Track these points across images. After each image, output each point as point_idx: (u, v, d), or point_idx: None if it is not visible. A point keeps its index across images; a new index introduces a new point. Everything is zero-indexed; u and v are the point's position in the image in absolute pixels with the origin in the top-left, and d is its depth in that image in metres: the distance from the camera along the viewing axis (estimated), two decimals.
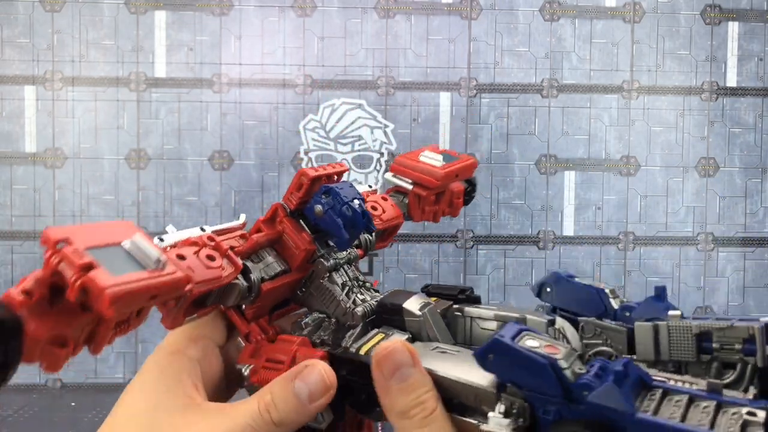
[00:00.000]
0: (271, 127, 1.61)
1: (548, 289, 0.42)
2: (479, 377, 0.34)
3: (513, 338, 0.33)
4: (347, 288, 0.40)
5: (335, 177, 0.40)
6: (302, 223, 0.40)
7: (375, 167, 1.61)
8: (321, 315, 0.40)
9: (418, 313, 0.39)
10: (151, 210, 1.59)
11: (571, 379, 0.31)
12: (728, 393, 0.31)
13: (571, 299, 0.41)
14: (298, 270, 0.40)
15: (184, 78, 1.59)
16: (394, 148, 1.61)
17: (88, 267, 0.27)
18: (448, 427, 0.33)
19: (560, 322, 0.39)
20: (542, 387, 0.31)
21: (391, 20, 1.61)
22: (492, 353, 0.32)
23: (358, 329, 0.38)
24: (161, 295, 0.30)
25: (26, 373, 1.58)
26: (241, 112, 1.60)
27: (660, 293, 0.40)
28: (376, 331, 0.38)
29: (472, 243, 1.62)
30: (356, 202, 0.39)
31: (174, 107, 1.59)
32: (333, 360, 0.36)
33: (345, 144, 1.61)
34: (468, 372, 0.34)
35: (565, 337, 0.40)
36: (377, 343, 0.37)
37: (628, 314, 0.39)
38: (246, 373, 0.37)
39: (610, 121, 1.63)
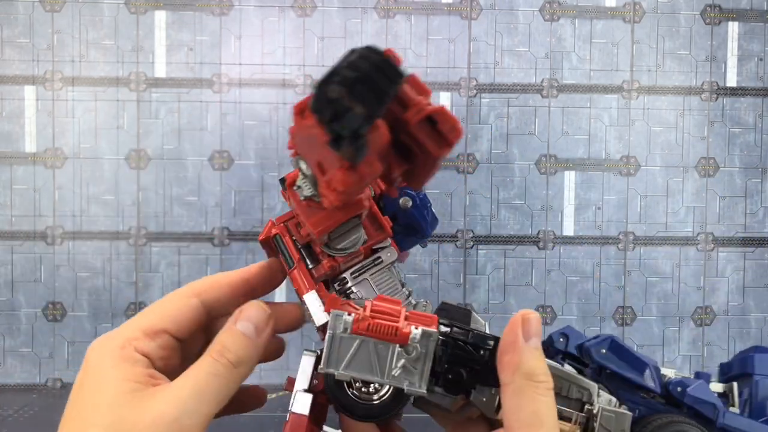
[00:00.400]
0: (271, 127, 1.61)
1: (603, 350, 0.45)
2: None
3: None
4: (403, 285, 0.40)
5: None
6: None
7: None
8: None
9: (482, 321, 0.39)
10: (151, 210, 1.59)
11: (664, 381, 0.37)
12: None
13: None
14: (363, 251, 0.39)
15: (184, 78, 1.59)
16: None
17: None
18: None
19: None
20: (643, 382, 0.36)
21: (391, 20, 1.61)
22: (606, 348, 0.37)
23: None
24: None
25: (26, 373, 1.58)
26: (241, 112, 1.60)
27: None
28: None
29: (472, 243, 1.62)
30: (433, 209, 0.40)
31: (174, 107, 1.59)
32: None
33: None
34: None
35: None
36: None
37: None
38: (347, 319, 0.33)
39: (610, 121, 1.63)
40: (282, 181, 0.38)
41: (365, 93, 0.25)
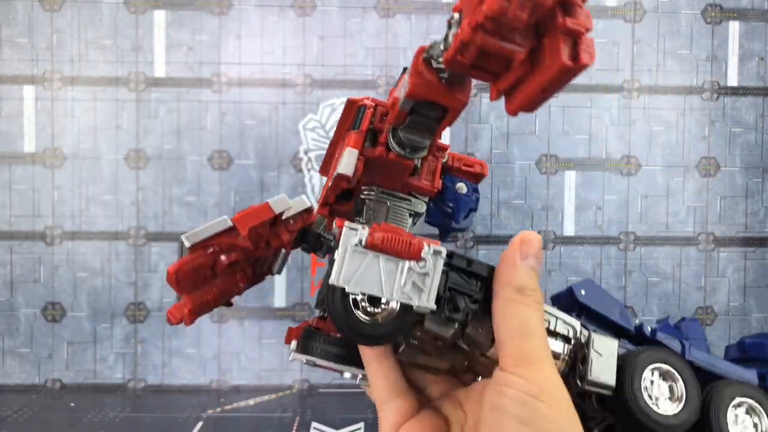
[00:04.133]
0: (270, 127, 1.60)
1: (582, 291, 0.48)
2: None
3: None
4: None
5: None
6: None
7: None
8: None
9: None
10: (150, 210, 1.59)
11: None
12: None
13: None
14: None
15: (183, 78, 1.59)
16: None
17: None
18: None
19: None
20: (620, 322, 0.45)
21: (391, 20, 1.61)
22: (585, 289, 0.40)
23: None
24: None
25: (25, 374, 1.57)
26: (241, 112, 1.60)
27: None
28: None
29: (472, 243, 1.62)
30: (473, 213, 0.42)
31: (173, 107, 1.59)
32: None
33: None
34: None
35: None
36: None
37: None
38: (362, 232, 0.33)
39: (610, 121, 1.62)
40: (404, 69, 0.38)
41: None
